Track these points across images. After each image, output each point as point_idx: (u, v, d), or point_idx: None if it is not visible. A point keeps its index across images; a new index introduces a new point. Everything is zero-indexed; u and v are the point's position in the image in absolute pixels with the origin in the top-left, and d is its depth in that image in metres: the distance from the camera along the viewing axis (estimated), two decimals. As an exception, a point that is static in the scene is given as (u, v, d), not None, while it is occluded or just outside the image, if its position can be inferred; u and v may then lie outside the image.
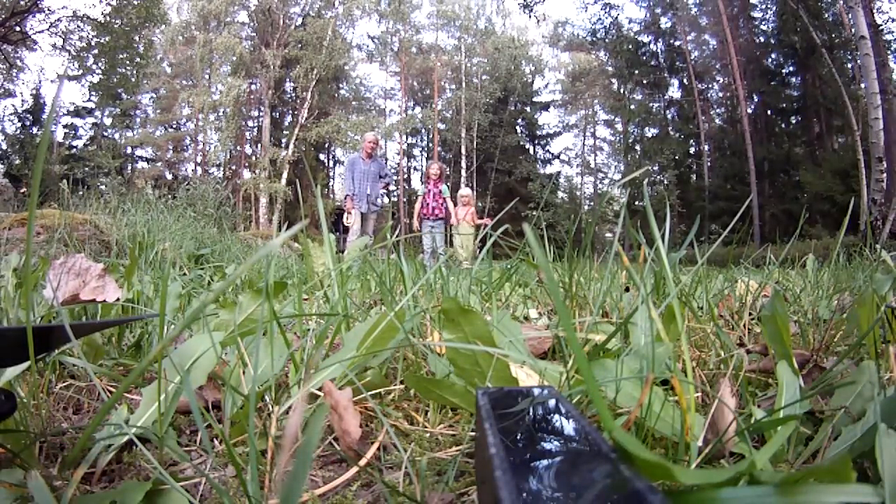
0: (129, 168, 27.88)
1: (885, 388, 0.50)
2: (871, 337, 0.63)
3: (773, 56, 24.44)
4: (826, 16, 18.92)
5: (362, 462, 0.47)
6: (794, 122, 24.79)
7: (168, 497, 0.39)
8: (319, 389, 0.55)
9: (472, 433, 0.52)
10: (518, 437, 0.28)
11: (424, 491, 0.41)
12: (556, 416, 0.31)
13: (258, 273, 1.98)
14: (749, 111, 23.51)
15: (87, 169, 22.79)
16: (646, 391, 0.37)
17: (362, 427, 0.49)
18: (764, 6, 23.97)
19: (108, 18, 16.51)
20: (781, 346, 0.57)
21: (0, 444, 0.44)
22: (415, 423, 0.57)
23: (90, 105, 26.09)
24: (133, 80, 24.50)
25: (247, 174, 26.61)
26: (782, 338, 0.58)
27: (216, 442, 0.55)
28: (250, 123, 27.92)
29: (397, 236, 0.95)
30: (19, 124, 22.29)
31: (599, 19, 27.68)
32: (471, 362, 0.53)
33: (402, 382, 0.65)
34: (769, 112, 24.82)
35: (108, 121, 27.31)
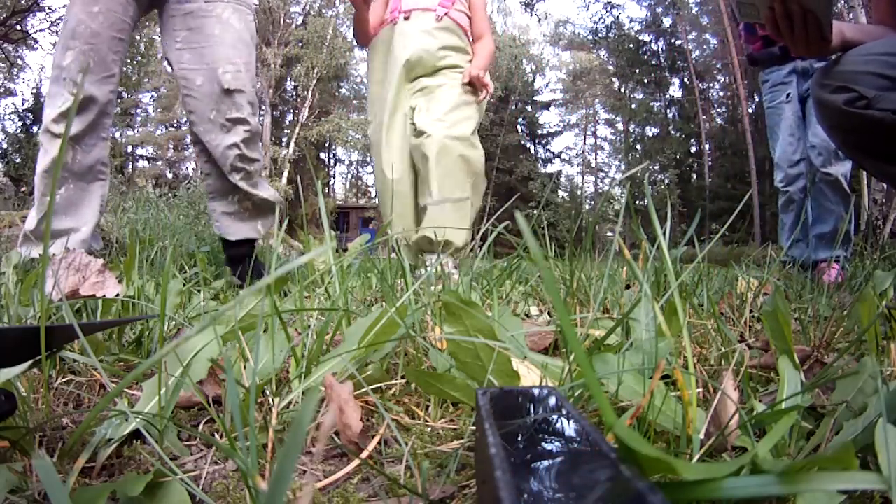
0: (130, 167, 27.89)
1: (887, 383, 0.50)
2: (871, 333, 0.63)
3: (775, 55, 24.38)
4: (827, 15, 18.88)
5: (363, 455, 0.47)
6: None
7: (168, 489, 0.39)
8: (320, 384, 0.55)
9: (473, 427, 0.52)
10: (518, 438, 0.28)
11: (425, 483, 0.41)
12: (557, 416, 0.31)
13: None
14: (750, 110, 23.48)
15: (87, 167, 22.74)
16: (656, 379, 0.37)
17: (363, 421, 0.49)
18: (765, 5, 23.91)
19: (108, 17, 16.47)
20: (783, 341, 0.57)
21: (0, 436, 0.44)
22: (416, 418, 0.57)
23: (91, 104, 26.04)
24: (134, 78, 24.49)
25: (247, 173, 26.56)
26: (783, 333, 0.58)
27: (217, 436, 0.55)
28: (251, 122, 27.87)
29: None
30: (20, 123, 22.31)
31: (601, 18, 27.71)
32: (472, 356, 0.53)
33: (403, 377, 0.65)
34: (770, 111, 24.77)
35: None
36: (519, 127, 31.10)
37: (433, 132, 2.17)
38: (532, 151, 31.83)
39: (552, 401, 0.33)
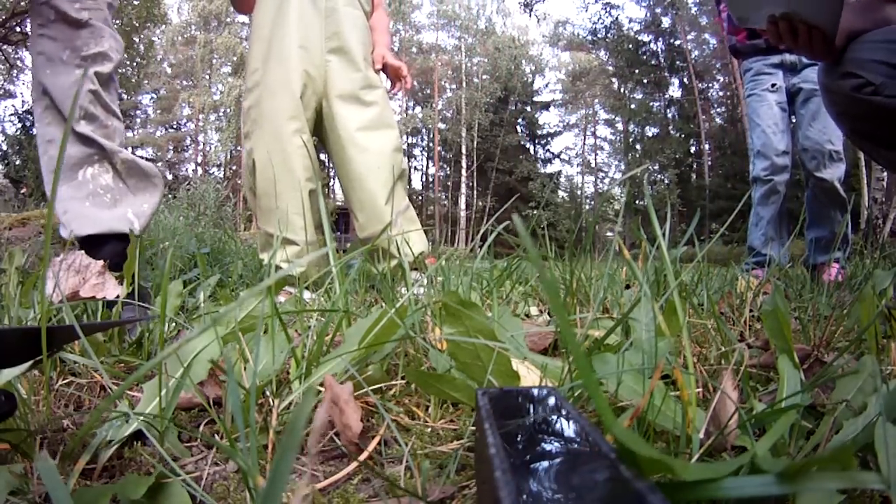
0: (130, 168, 27.84)
1: (887, 382, 0.50)
2: (871, 332, 0.63)
3: (774, 55, 24.40)
4: (826, 14, 18.87)
5: (363, 456, 0.47)
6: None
7: (170, 490, 0.39)
8: (321, 385, 0.55)
9: (473, 428, 0.52)
10: (518, 438, 0.28)
11: (425, 484, 0.41)
12: (556, 416, 0.31)
13: (257, 271, 1.98)
14: (750, 110, 23.47)
15: (87, 169, 22.70)
16: (655, 378, 0.37)
17: (363, 422, 0.49)
18: (764, 5, 23.93)
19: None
20: (782, 340, 0.57)
21: (0, 438, 0.44)
22: (416, 418, 0.57)
23: (90, 105, 26.05)
24: (133, 80, 24.50)
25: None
26: (783, 332, 0.58)
27: (217, 437, 0.55)
28: (250, 123, 27.86)
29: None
30: (20, 125, 22.28)
31: (600, 18, 27.74)
32: (472, 356, 0.53)
33: (403, 378, 0.65)
34: (770, 111, 24.77)
35: (108, 121, 27.28)
36: (518, 127, 31.12)
37: (368, 145, 1.81)
38: (532, 152, 31.85)
39: (552, 401, 0.33)
